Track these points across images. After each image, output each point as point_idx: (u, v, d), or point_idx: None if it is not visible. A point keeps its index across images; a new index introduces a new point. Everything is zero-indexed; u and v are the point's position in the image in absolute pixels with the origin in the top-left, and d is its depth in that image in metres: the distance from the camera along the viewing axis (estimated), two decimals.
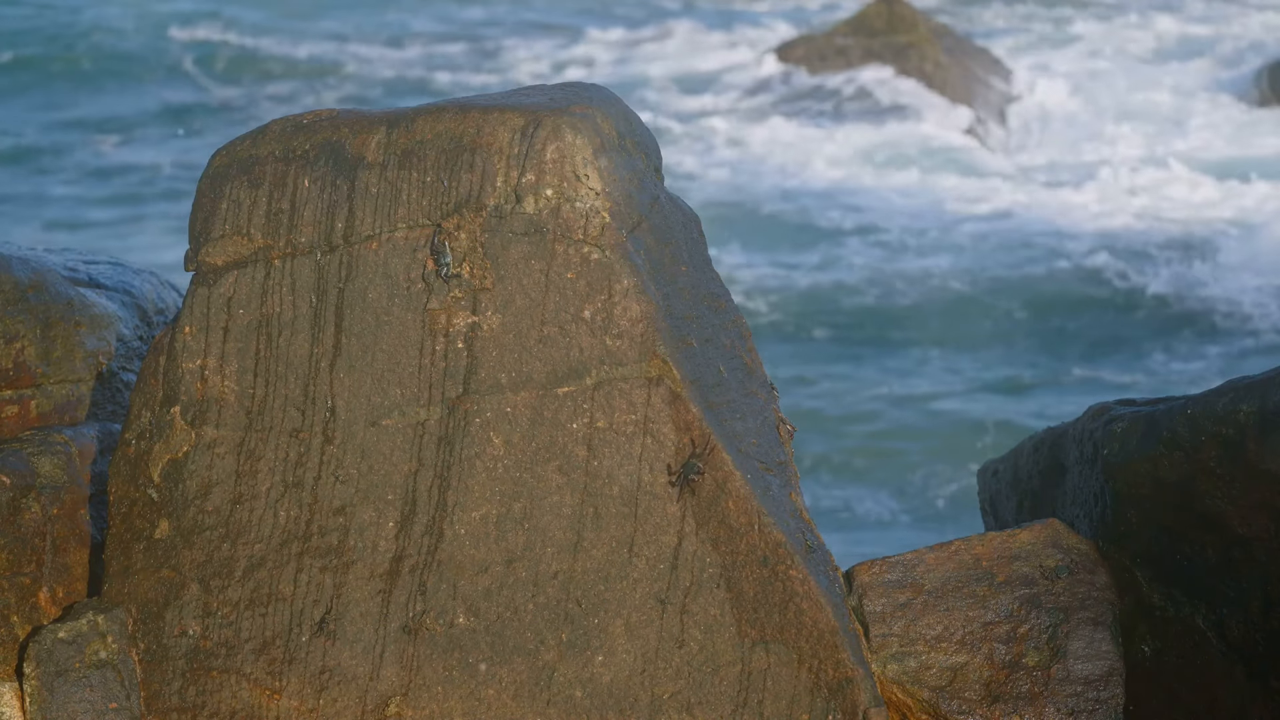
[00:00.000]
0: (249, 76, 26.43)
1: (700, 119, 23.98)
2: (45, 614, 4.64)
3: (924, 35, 24.03)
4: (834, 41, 24.31)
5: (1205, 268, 18.10)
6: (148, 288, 5.36)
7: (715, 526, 4.38)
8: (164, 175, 21.57)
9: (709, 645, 4.39)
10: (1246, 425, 4.45)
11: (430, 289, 4.44)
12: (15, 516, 4.61)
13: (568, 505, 4.41)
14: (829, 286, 17.66)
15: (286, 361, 4.53)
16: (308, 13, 29.92)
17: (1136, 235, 19.50)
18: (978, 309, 17.05)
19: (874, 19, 24.30)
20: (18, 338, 4.83)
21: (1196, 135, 23.79)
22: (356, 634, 4.48)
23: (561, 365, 4.40)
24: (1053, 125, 24.18)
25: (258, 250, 4.55)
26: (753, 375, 4.64)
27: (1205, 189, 21.13)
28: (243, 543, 4.54)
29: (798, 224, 19.87)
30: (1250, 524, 4.49)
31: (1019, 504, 5.27)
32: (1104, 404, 4.92)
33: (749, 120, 23.71)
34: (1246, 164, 22.12)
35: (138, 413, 4.63)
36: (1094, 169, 22.04)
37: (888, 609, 4.62)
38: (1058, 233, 19.58)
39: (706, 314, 4.58)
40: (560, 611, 4.42)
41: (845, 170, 21.79)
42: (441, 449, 4.45)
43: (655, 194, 4.58)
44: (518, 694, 4.43)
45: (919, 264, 18.35)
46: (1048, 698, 4.56)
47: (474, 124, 4.44)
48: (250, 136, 4.62)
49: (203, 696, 4.54)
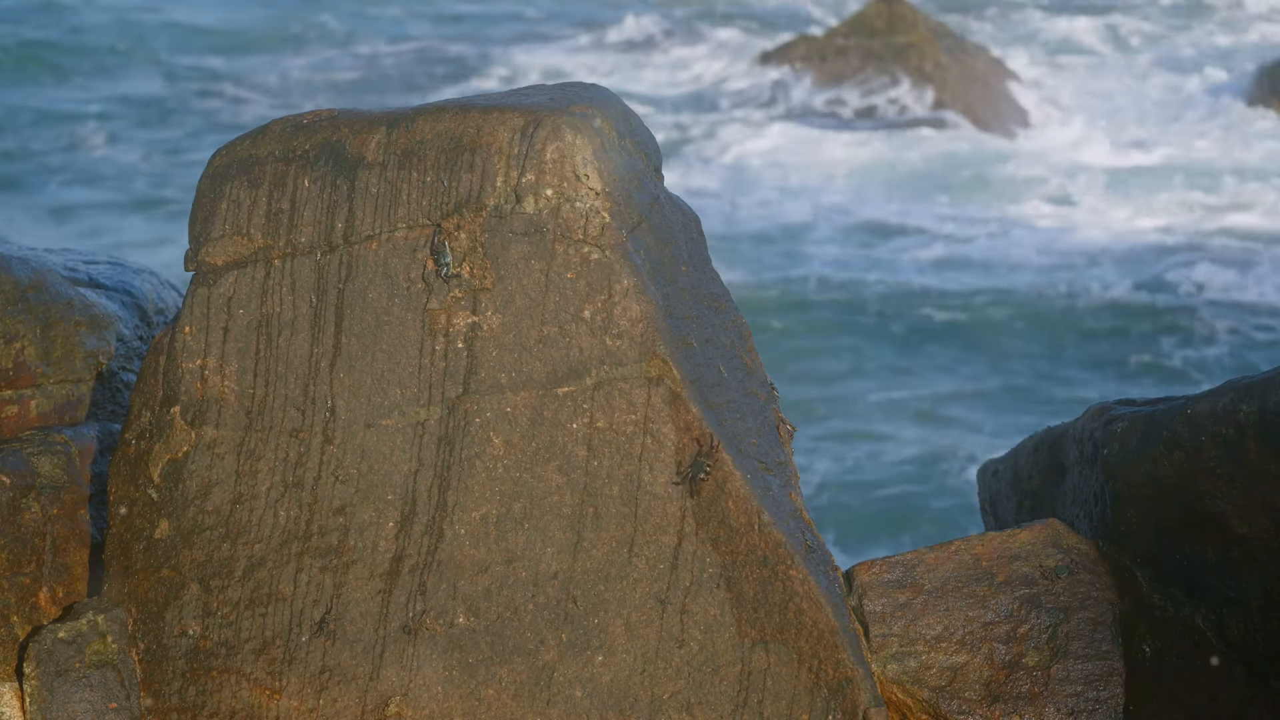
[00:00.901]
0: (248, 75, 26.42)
1: (699, 122, 23.96)
2: (45, 614, 4.64)
3: (924, 35, 24.03)
4: (834, 42, 24.30)
5: (1205, 268, 18.10)
6: (148, 288, 5.36)
7: (715, 526, 4.38)
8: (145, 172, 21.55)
9: (709, 645, 4.39)
10: (1246, 425, 4.45)
11: (430, 289, 4.44)
12: (15, 516, 4.61)
13: (568, 505, 4.41)
14: (828, 287, 17.65)
15: (286, 361, 4.53)
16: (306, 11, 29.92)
17: (1136, 236, 19.50)
18: (978, 309, 17.05)
19: (874, 19, 24.30)
20: (18, 338, 4.83)
21: (1196, 135, 23.78)
22: (356, 634, 4.48)
23: (561, 365, 4.40)
24: (1052, 125, 24.17)
25: (258, 250, 4.55)
26: (753, 375, 4.64)
27: (1205, 189, 21.13)
28: (243, 543, 4.54)
29: (797, 225, 19.85)
30: (1250, 524, 4.48)
31: (1019, 504, 5.27)
32: (1104, 404, 4.92)
33: (747, 124, 23.69)
34: (1246, 164, 22.11)
35: (138, 413, 4.63)
36: (1094, 169, 22.03)
37: (888, 609, 4.62)
38: (1057, 233, 19.58)
39: (706, 314, 4.58)
40: (560, 611, 4.42)
41: (845, 172, 21.79)
42: (441, 449, 4.45)
43: (655, 194, 4.58)
44: (518, 694, 4.43)
45: (919, 264, 18.35)
46: (1048, 698, 4.56)
47: (474, 124, 4.44)
48: (250, 136, 4.62)
49: (203, 696, 4.54)
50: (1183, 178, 21.50)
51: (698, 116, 24.24)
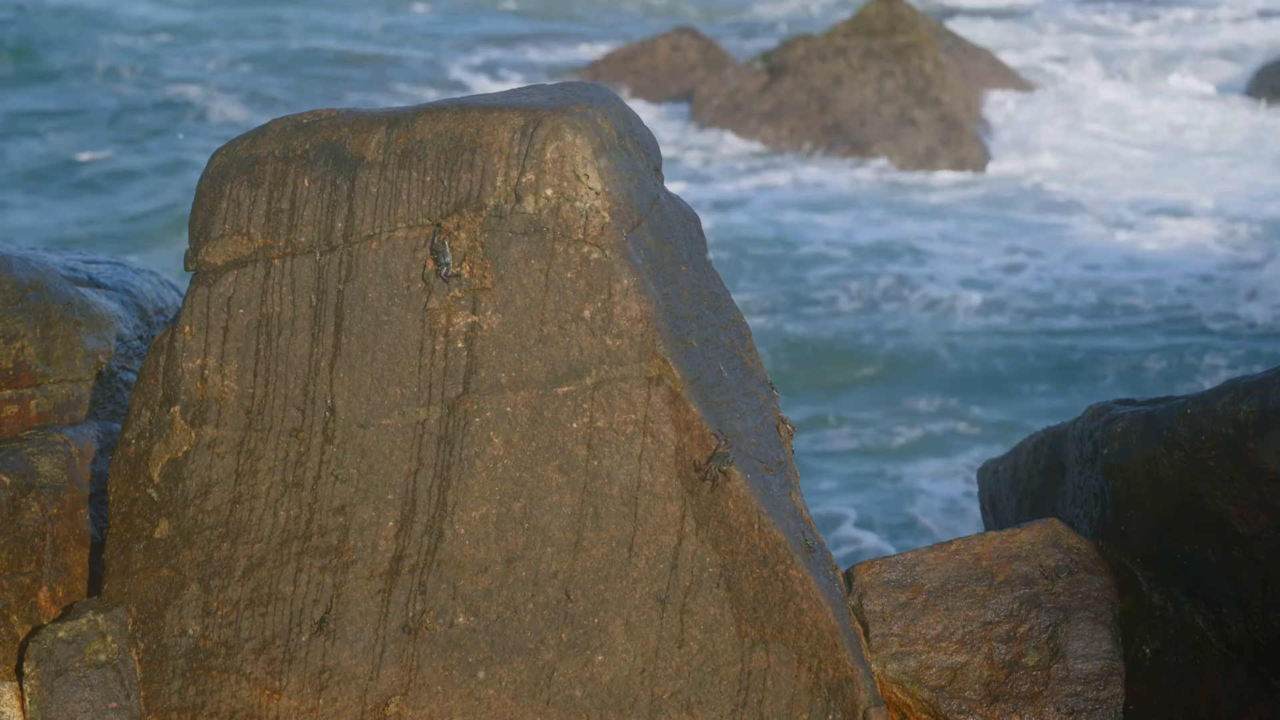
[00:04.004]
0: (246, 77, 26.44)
1: (697, 125, 23.96)
2: (45, 613, 4.64)
3: (924, 35, 24.03)
4: (834, 41, 24.30)
5: (1205, 268, 18.10)
6: (148, 287, 5.36)
7: (715, 526, 4.38)
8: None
9: (709, 645, 4.39)
10: (1246, 425, 4.45)
11: (430, 288, 4.44)
12: (15, 516, 4.61)
13: (568, 505, 4.41)
14: (826, 288, 17.66)
15: (286, 361, 4.53)
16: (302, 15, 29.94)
17: (1136, 236, 19.51)
18: (978, 309, 17.05)
19: (874, 19, 24.29)
20: (18, 337, 4.83)
21: (1196, 135, 23.79)
22: (356, 634, 4.48)
23: (561, 365, 4.40)
24: (1051, 126, 24.17)
25: (258, 250, 4.55)
26: (752, 375, 4.64)
27: (1205, 190, 21.13)
28: (243, 542, 4.54)
29: (795, 224, 19.87)
30: (1250, 523, 4.48)
31: (1019, 504, 5.27)
32: (1104, 404, 4.92)
33: (747, 124, 23.69)
34: (1247, 165, 22.12)
35: (137, 412, 4.63)
36: (1093, 169, 22.04)
37: (888, 609, 4.62)
38: (1057, 234, 19.59)
39: (706, 313, 4.58)
40: (560, 611, 4.42)
41: (843, 173, 21.79)
42: (441, 449, 4.45)
43: (655, 194, 4.58)
44: (518, 694, 4.43)
45: (919, 265, 18.36)
46: (1048, 697, 4.56)
47: (474, 123, 4.44)
48: (250, 136, 4.62)
49: (203, 696, 4.54)
50: (1186, 177, 21.51)
51: (698, 117, 24.23)
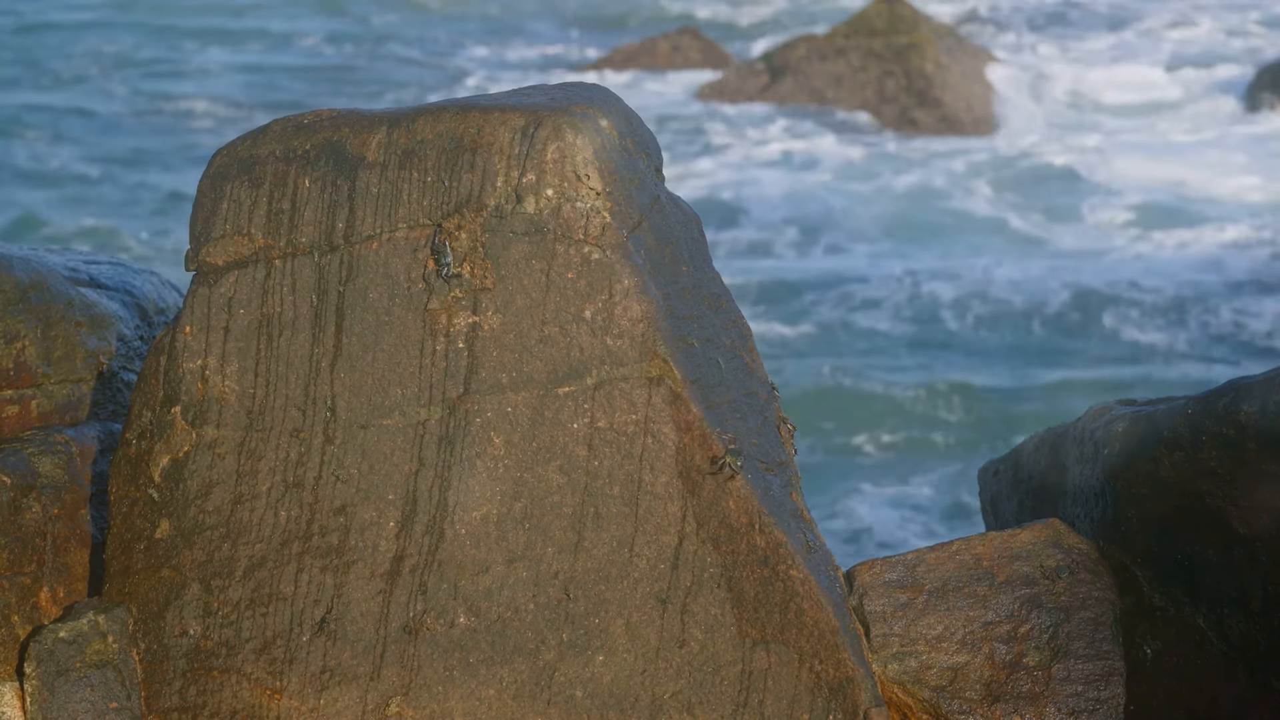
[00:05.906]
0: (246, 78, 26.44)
1: (698, 123, 23.96)
2: (46, 614, 4.64)
3: (924, 35, 24.03)
4: (834, 41, 24.30)
5: (1205, 268, 18.10)
6: (148, 288, 5.36)
7: (716, 526, 4.38)
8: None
9: (710, 645, 4.39)
10: (1246, 425, 4.45)
11: (431, 289, 4.44)
12: (16, 516, 4.61)
13: (568, 505, 4.41)
14: (826, 288, 17.66)
15: (287, 361, 4.53)
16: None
17: (1135, 236, 19.51)
18: (978, 308, 17.06)
19: (874, 19, 24.30)
20: (18, 338, 4.83)
21: (1195, 136, 23.79)
22: (357, 634, 4.48)
23: (562, 365, 4.40)
24: (1051, 126, 24.18)
25: (258, 250, 4.55)
26: (753, 375, 4.64)
27: (1204, 190, 21.13)
28: (243, 543, 4.54)
29: (797, 225, 19.87)
30: (1250, 524, 4.49)
31: (1019, 504, 5.27)
32: (1104, 404, 4.92)
33: (747, 124, 23.70)
34: (1247, 165, 22.12)
35: (138, 413, 4.63)
36: (1092, 169, 22.04)
37: (888, 609, 4.63)
38: (1057, 234, 19.59)
39: (707, 314, 4.58)
40: (561, 611, 4.42)
41: (844, 172, 21.79)
42: (442, 449, 4.45)
43: (655, 194, 4.58)
44: (518, 694, 4.43)
45: (918, 266, 18.36)
46: (1048, 697, 4.56)
47: (474, 124, 4.44)
48: (251, 136, 4.63)
49: (203, 696, 4.54)
50: (1185, 178, 21.51)
51: (697, 117, 24.24)
